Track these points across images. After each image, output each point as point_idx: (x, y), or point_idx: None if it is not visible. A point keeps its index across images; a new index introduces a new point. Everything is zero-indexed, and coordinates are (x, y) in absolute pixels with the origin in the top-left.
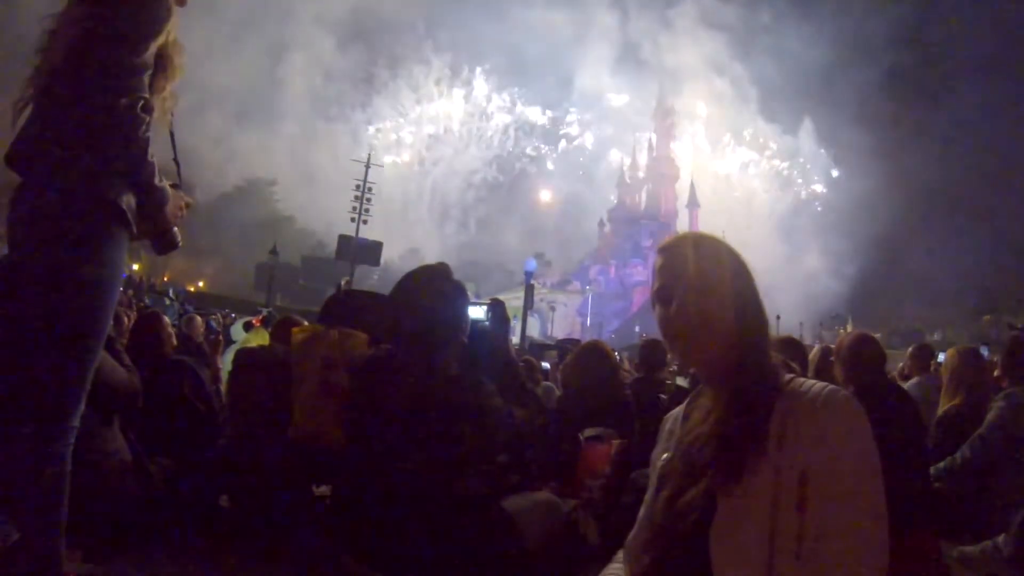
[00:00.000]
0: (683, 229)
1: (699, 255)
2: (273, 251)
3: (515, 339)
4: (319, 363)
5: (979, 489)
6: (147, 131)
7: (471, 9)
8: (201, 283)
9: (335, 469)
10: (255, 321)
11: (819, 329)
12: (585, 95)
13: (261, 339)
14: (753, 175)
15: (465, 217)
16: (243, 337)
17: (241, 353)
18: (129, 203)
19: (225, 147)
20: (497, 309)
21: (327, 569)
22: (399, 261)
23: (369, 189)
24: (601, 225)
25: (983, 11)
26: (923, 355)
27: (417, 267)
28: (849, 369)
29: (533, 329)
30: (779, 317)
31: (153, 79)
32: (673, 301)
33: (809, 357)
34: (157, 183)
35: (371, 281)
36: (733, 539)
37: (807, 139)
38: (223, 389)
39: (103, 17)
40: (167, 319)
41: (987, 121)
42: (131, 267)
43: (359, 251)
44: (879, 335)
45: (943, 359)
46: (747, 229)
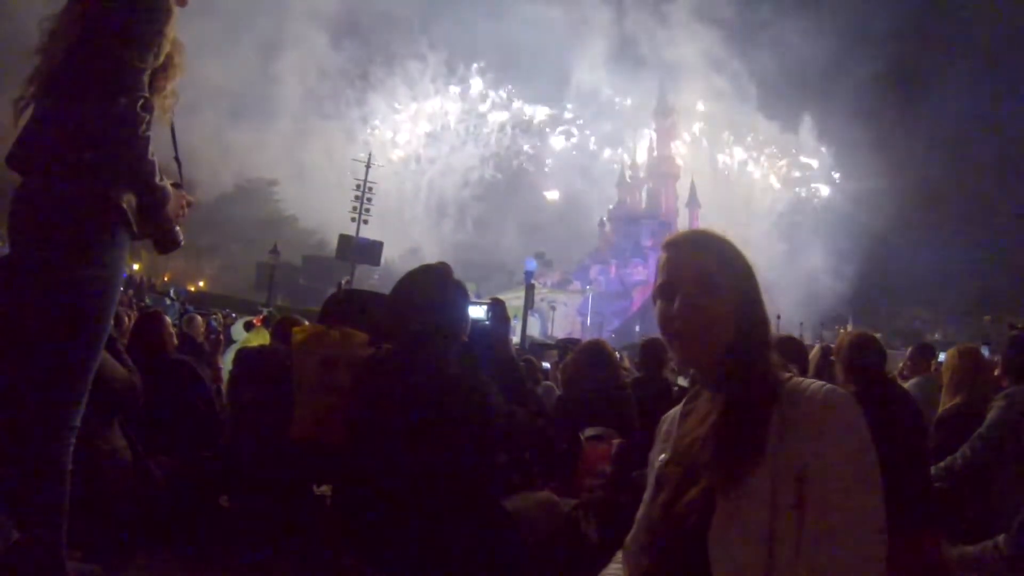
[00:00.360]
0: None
1: (705, 253)
2: (274, 251)
3: (515, 339)
4: (320, 363)
5: (979, 489)
6: (147, 130)
7: (465, 4)
8: (202, 283)
9: (336, 469)
10: (256, 321)
11: (819, 328)
12: (582, 92)
13: (262, 339)
14: (753, 173)
15: (463, 216)
16: (244, 337)
17: (242, 353)
18: (130, 203)
19: (225, 147)
20: (497, 308)
21: (328, 569)
22: (399, 261)
23: (370, 189)
24: (601, 224)
25: (985, 6)
26: (923, 355)
27: (418, 267)
28: (849, 369)
29: (533, 329)
30: (779, 316)
31: (153, 78)
32: (676, 298)
33: (809, 357)
34: (158, 182)
35: (371, 281)
36: (731, 540)
37: (807, 135)
38: (224, 389)
39: (103, 16)
40: (168, 319)
41: (989, 119)
42: (131, 267)
43: (360, 251)
44: (879, 335)
45: (943, 359)
46: (747, 228)
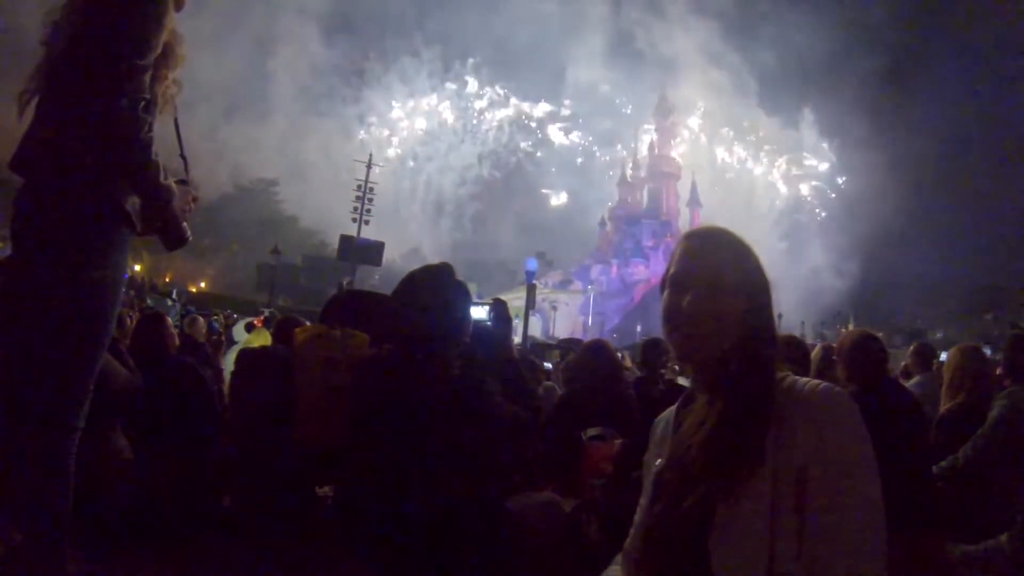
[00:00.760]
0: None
1: (722, 252)
2: (275, 251)
3: (517, 339)
4: (322, 363)
5: (981, 488)
6: (150, 131)
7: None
8: (203, 283)
9: (337, 469)
10: (257, 322)
11: (820, 327)
12: (580, 88)
13: (263, 340)
14: (753, 171)
15: (461, 215)
16: (245, 338)
17: (243, 354)
18: (133, 204)
19: (225, 148)
20: (499, 309)
21: (330, 570)
22: (400, 261)
23: (371, 189)
24: (602, 224)
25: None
26: (925, 354)
27: (420, 267)
28: (851, 368)
29: (535, 329)
30: (781, 315)
31: (155, 69)
32: (688, 291)
33: (811, 356)
34: (162, 181)
35: (372, 281)
36: (732, 544)
37: (808, 131)
38: (225, 390)
39: (102, 16)
40: (169, 320)
41: (993, 116)
42: (133, 267)
43: (361, 251)
44: (881, 333)
45: (945, 358)
46: (748, 226)
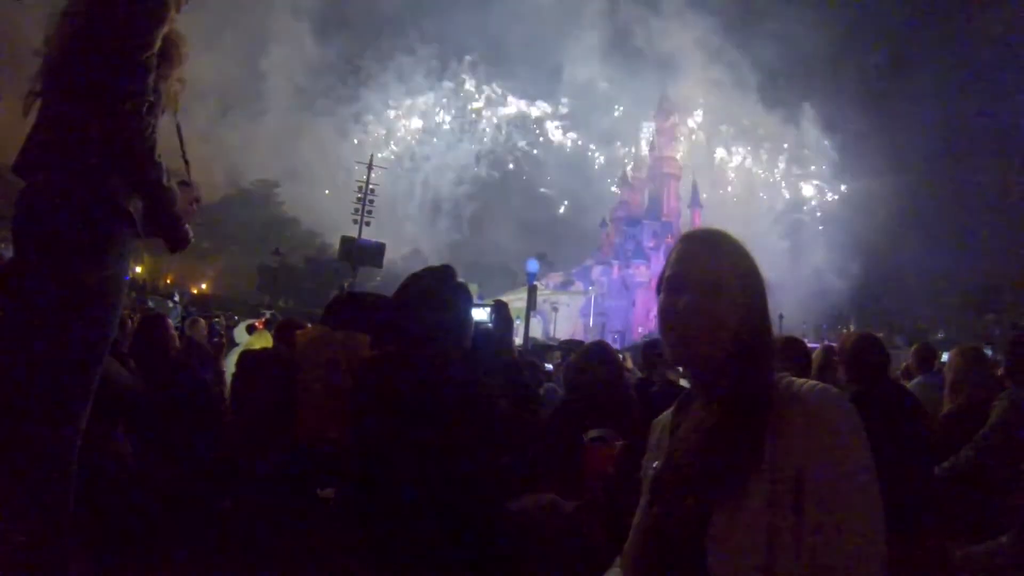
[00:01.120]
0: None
1: (719, 255)
2: (276, 253)
3: (518, 340)
4: (323, 365)
5: (982, 489)
6: (153, 133)
7: None
8: (204, 285)
9: (339, 472)
10: (258, 324)
11: (822, 328)
12: (578, 87)
13: (264, 342)
14: (753, 170)
15: (459, 215)
16: (246, 339)
17: (245, 355)
18: (136, 207)
19: (226, 150)
20: (500, 311)
21: (331, 572)
22: (401, 262)
23: (372, 191)
24: (603, 225)
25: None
26: (926, 354)
27: (421, 269)
28: (852, 369)
29: (536, 330)
30: (782, 316)
31: (159, 68)
32: (684, 293)
33: (812, 357)
34: (165, 183)
35: (374, 283)
36: (731, 547)
37: (809, 127)
38: (226, 392)
39: (106, 16)
40: (170, 322)
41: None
42: (134, 269)
43: (362, 253)
44: (882, 334)
45: (946, 359)
46: (748, 226)
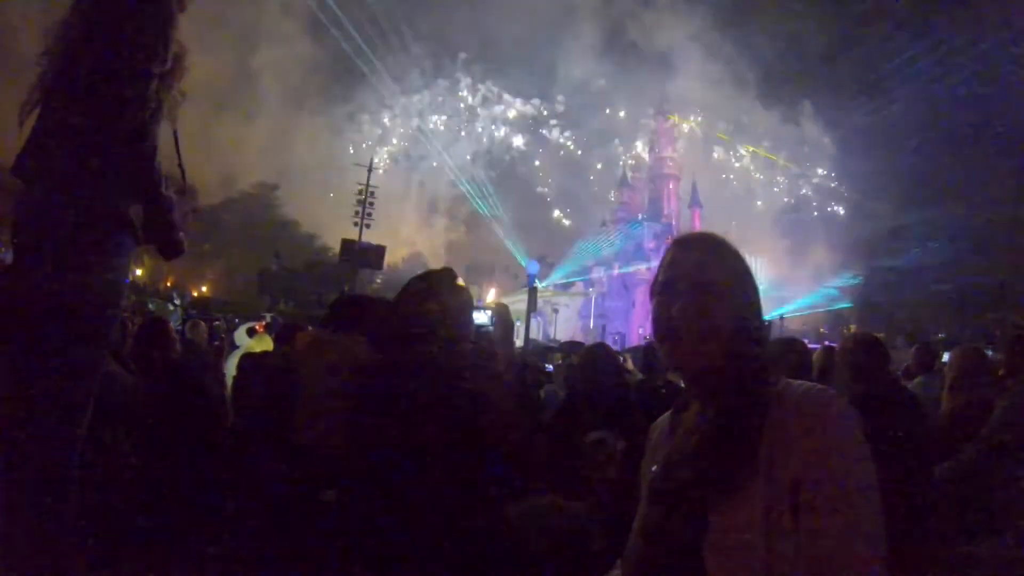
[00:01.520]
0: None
1: (710, 257)
2: (276, 255)
3: (519, 342)
4: (324, 368)
5: (984, 489)
6: (154, 140)
7: None
8: (204, 288)
9: (340, 474)
10: (258, 327)
11: (823, 329)
12: (574, 85)
13: (265, 345)
14: (754, 169)
15: (456, 215)
16: (247, 342)
17: (245, 358)
18: (136, 213)
19: (226, 151)
20: (501, 313)
21: (332, 574)
22: (402, 264)
23: (372, 193)
24: (603, 226)
25: None
26: (927, 354)
27: (422, 272)
28: (853, 370)
29: (536, 331)
30: (783, 317)
31: (161, 78)
32: (676, 299)
33: (812, 358)
34: (163, 191)
35: (374, 285)
36: (728, 552)
37: (809, 125)
38: (227, 395)
39: (109, 22)
40: (171, 325)
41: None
42: (134, 272)
43: (362, 255)
44: (882, 334)
45: (947, 358)
46: (748, 226)
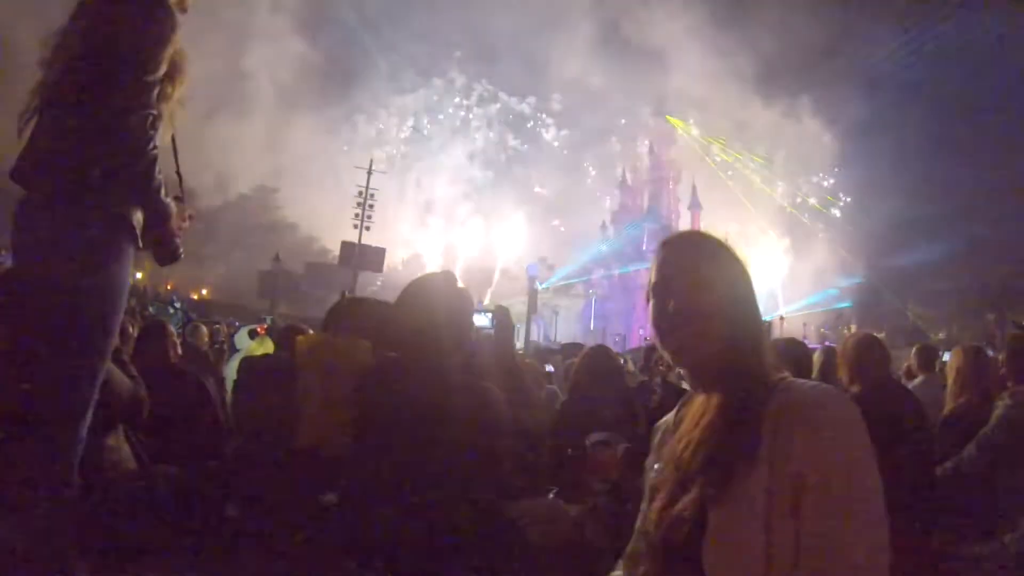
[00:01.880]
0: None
1: (701, 254)
2: (276, 258)
3: (519, 344)
4: (324, 371)
5: (985, 489)
6: (155, 147)
7: None
8: (205, 291)
9: (341, 477)
10: (259, 329)
11: (823, 329)
12: (570, 83)
13: (265, 348)
14: (752, 168)
15: (453, 215)
16: (247, 345)
17: (246, 361)
18: (137, 218)
19: (225, 153)
20: (501, 315)
21: None
22: (402, 267)
23: (372, 195)
24: (603, 227)
25: None
26: (928, 354)
27: (422, 275)
28: (854, 370)
29: (536, 334)
30: (783, 318)
31: (161, 86)
32: (671, 297)
33: (813, 358)
34: (163, 198)
35: (374, 288)
36: (727, 549)
37: (808, 122)
38: (228, 398)
39: (109, 29)
40: (171, 328)
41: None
42: (135, 275)
43: (362, 257)
44: (883, 334)
45: (948, 358)
46: (748, 226)
